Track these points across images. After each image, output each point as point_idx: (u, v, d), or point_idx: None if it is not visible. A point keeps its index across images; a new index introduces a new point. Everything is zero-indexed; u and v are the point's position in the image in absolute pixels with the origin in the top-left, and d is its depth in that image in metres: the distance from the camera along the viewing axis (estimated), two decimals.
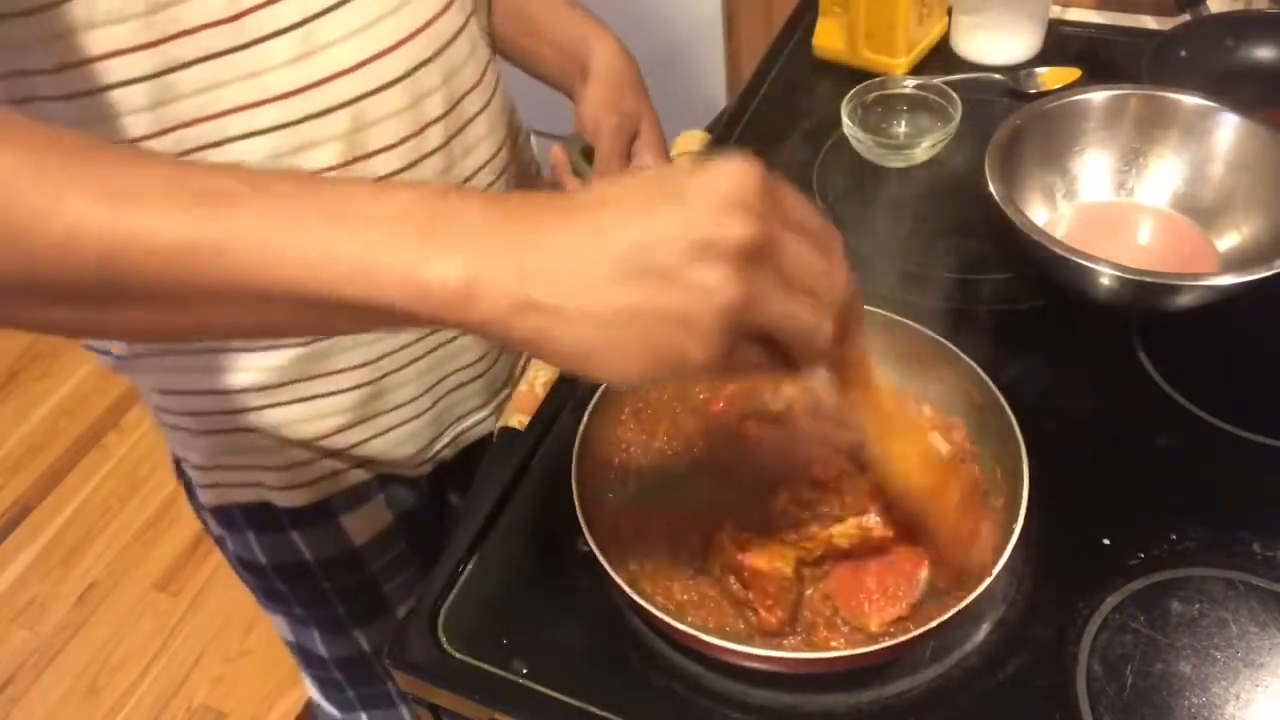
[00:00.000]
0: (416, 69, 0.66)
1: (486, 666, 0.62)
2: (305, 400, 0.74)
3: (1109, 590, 0.62)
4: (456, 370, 0.80)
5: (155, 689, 1.72)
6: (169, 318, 0.43)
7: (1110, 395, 0.74)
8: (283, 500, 0.79)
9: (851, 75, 1.00)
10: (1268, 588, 0.61)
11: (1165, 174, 0.84)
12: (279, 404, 0.73)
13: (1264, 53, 0.99)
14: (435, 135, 0.69)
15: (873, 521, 0.60)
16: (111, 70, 0.57)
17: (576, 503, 0.61)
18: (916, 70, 1.04)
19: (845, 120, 0.93)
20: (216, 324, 0.44)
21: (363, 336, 0.72)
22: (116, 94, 0.58)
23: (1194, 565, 0.63)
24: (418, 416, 0.79)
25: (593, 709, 0.59)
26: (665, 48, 1.85)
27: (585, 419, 0.66)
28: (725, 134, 1.00)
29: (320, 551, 0.83)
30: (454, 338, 0.78)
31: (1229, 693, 0.57)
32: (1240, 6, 1.05)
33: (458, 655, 0.62)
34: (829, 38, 1.05)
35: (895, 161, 0.94)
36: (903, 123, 0.98)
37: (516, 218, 0.41)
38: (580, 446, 0.64)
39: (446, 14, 0.68)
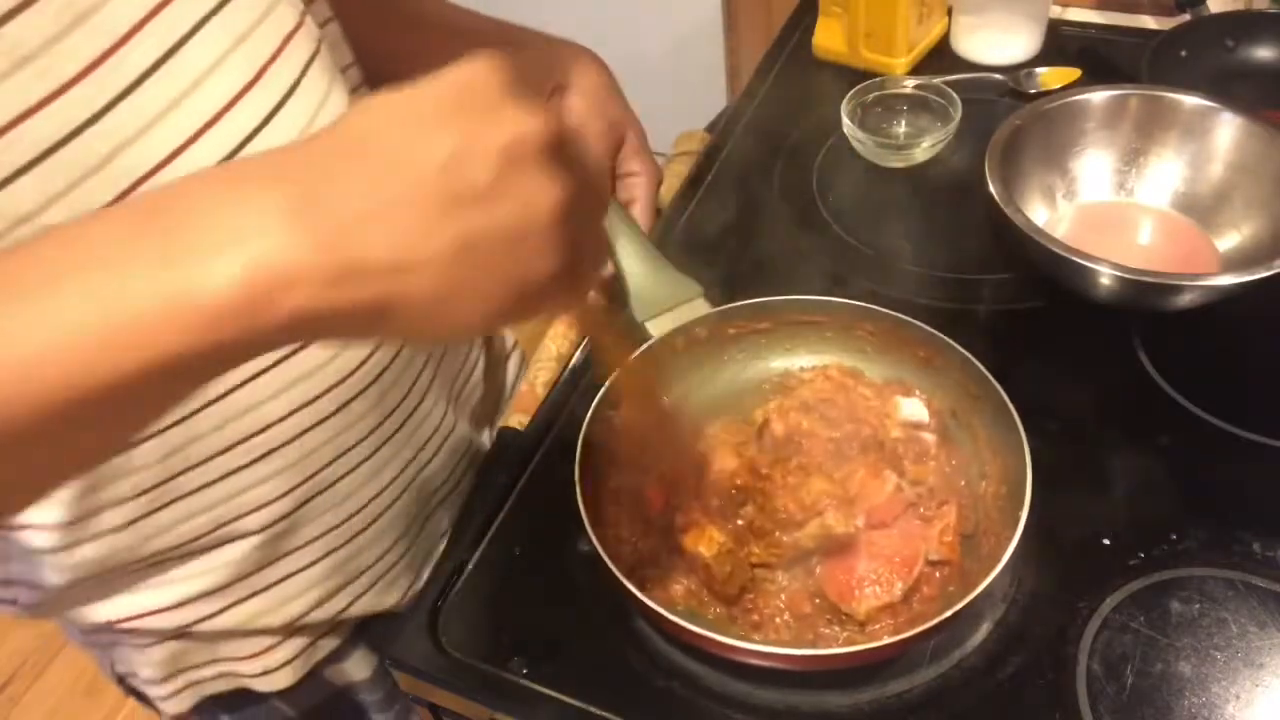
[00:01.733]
0: (256, 133, 0.54)
1: (486, 666, 0.62)
2: (269, 588, 0.67)
3: (1109, 590, 0.62)
4: (436, 490, 0.76)
5: None
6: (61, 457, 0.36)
7: (1110, 395, 0.74)
8: (263, 685, 0.73)
9: (851, 75, 1.00)
10: (1268, 588, 0.61)
11: (1165, 174, 0.84)
12: (238, 601, 0.66)
13: (1264, 53, 0.99)
14: None
15: (831, 519, 0.60)
16: None
17: (580, 502, 0.61)
18: (916, 70, 1.04)
19: (845, 120, 0.93)
20: (48, 458, 0.35)
21: (322, 505, 0.65)
22: None
23: (1194, 565, 0.63)
24: (400, 559, 0.74)
25: (593, 709, 0.59)
26: (665, 48, 1.86)
27: (588, 418, 0.66)
28: (725, 134, 1.00)
29: (306, 703, 0.77)
30: (430, 459, 0.73)
31: (1229, 693, 0.57)
32: (1240, 6, 1.05)
33: (458, 655, 0.62)
34: (829, 38, 1.05)
35: (895, 161, 0.94)
36: (903, 123, 0.98)
37: (304, 190, 0.33)
38: (584, 446, 0.64)
39: (285, 51, 0.56)
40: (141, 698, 0.76)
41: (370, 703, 0.80)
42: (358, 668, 0.78)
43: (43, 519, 0.56)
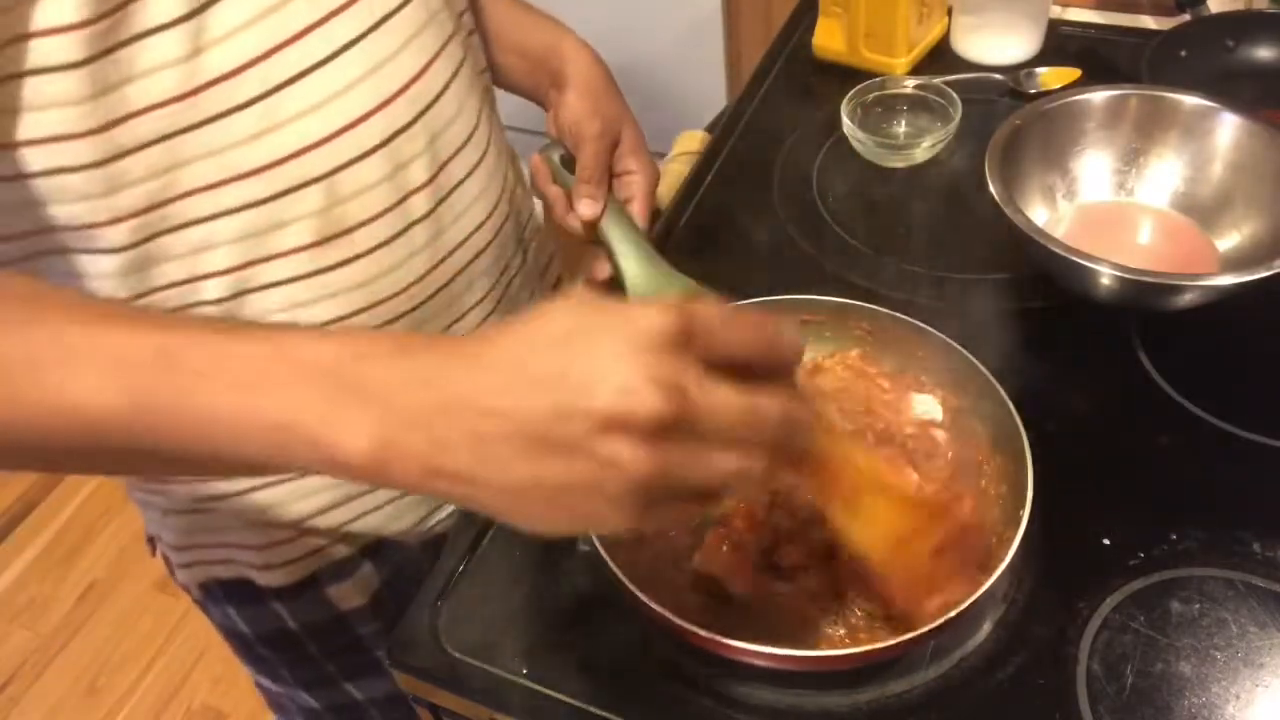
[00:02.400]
0: (395, 136, 0.62)
1: (486, 666, 0.62)
2: (287, 481, 0.69)
3: (1109, 590, 0.62)
4: None
5: (155, 689, 1.72)
6: (132, 468, 0.46)
7: (1110, 395, 0.74)
8: (264, 579, 0.75)
9: (851, 75, 1.00)
10: (1268, 588, 0.61)
11: (1165, 174, 0.84)
12: (257, 488, 0.69)
13: (1264, 53, 0.99)
14: (419, 204, 0.65)
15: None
16: (52, 156, 0.53)
17: None
18: (916, 70, 1.04)
19: (845, 120, 0.93)
20: (153, 471, 0.47)
21: None
22: (58, 181, 0.54)
23: (1194, 565, 0.63)
24: (405, 495, 0.75)
25: (592, 709, 0.59)
26: (665, 48, 1.86)
27: None
28: (725, 134, 1.00)
29: (305, 617, 0.79)
30: None
31: (1229, 693, 0.57)
32: (1240, 6, 1.05)
33: (458, 655, 0.62)
34: (829, 38, 1.05)
35: (895, 161, 0.94)
36: (903, 123, 0.98)
37: (425, 376, 0.40)
38: None
39: (428, 72, 0.63)
40: (166, 562, 0.81)
41: (366, 634, 0.81)
42: (359, 591, 0.79)
43: None
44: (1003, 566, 0.56)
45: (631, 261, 0.73)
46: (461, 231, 0.70)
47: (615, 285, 0.72)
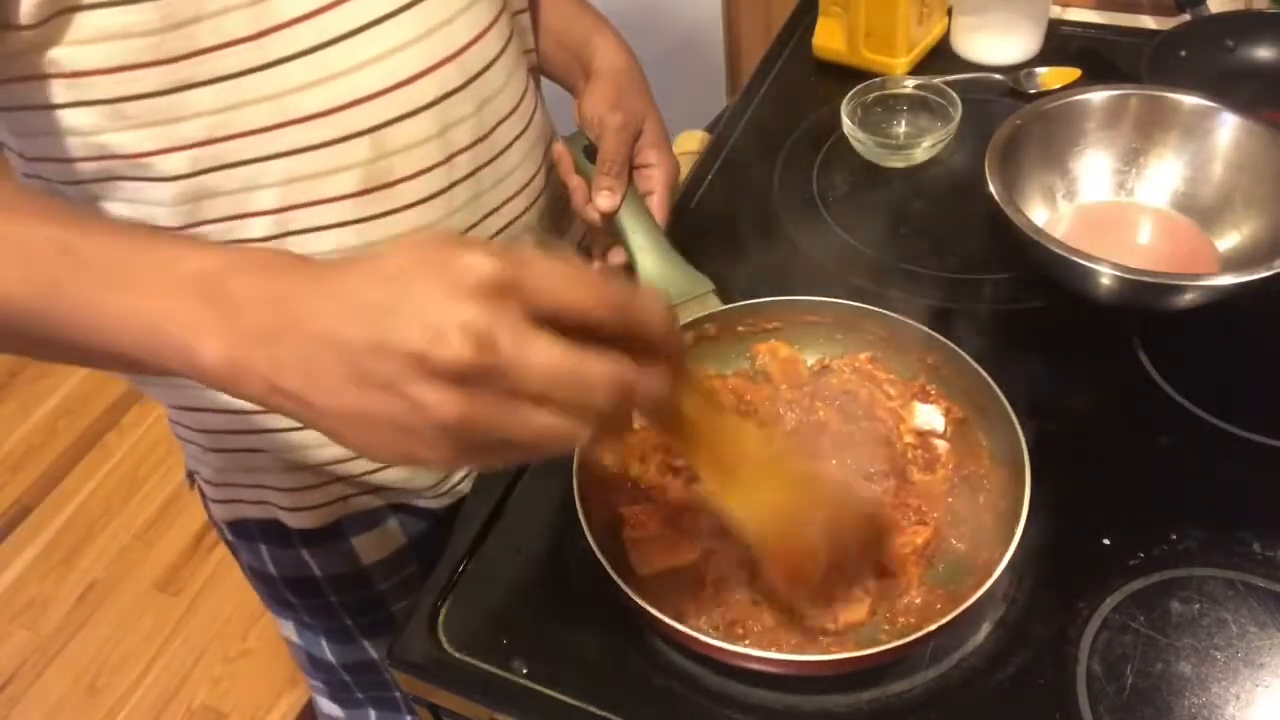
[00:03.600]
0: (445, 97, 0.65)
1: (486, 666, 0.62)
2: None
3: (1109, 590, 0.62)
4: None
5: (155, 689, 1.72)
6: (27, 352, 0.50)
7: (1110, 395, 0.74)
8: (292, 521, 0.78)
9: (851, 75, 1.00)
10: (1268, 588, 0.61)
11: (1165, 174, 0.84)
12: (291, 428, 0.72)
13: (1264, 53, 0.99)
14: (463, 164, 0.68)
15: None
16: (119, 84, 0.56)
17: (578, 502, 0.61)
18: (916, 70, 1.04)
19: (845, 120, 0.93)
20: (58, 358, 0.50)
21: None
22: (122, 107, 0.57)
23: (1194, 565, 0.63)
24: None
25: (593, 709, 0.59)
26: (665, 48, 1.85)
27: None
28: (725, 134, 1.00)
29: (329, 568, 0.82)
30: None
31: (1229, 693, 0.57)
32: (1240, 6, 1.05)
33: (458, 655, 0.62)
34: (829, 38, 1.05)
35: (895, 161, 0.94)
36: (903, 123, 0.98)
37: (277, 296, 0.41)
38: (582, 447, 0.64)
39: (481, 41, 0.66)
40: (202, 496, 0.85)
41: (386, 591, 0.85)
42: (381, 544, 0.82)
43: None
44: (1003, 566, 0.56)
45: (646, 255, 0.73)
46: (500, 195, 0.73)
47: (630, 276, 0.73)
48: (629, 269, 0.73)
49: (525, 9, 0.76)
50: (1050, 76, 1.01)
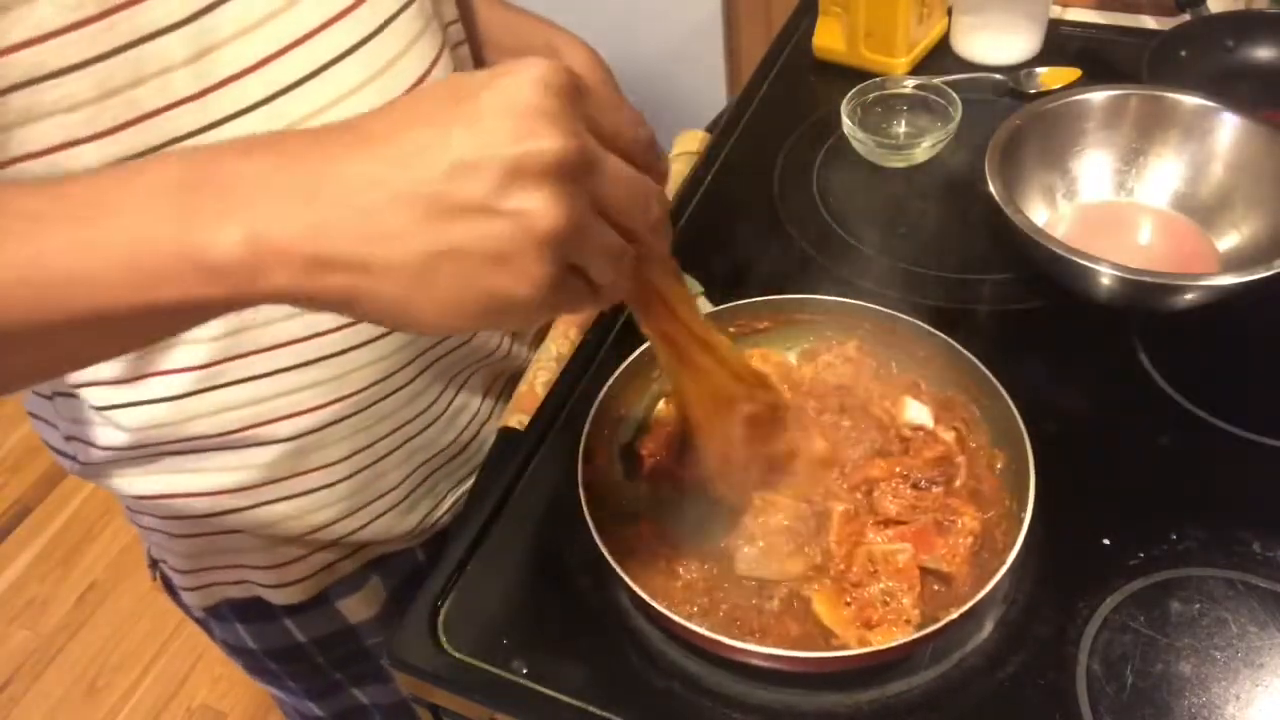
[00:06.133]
0: None
1: (486, 666, 0.61)
2: (294, 497, 0.69)
3: (1109, 590, 0.62)
4: (470, 420, 0.78)
5: (155, 689, 1.72)
6: (29, 356, 0.40)
7: (1110, 395, 0.74)
8: (276, 597, 0.76)
9: (851, 75, 1.00)
10: (1268, 588, 0.61)
11: (1165, 174, 0.84)
12: (264, 503, 0.68)
13: (1264, 53, 0.99)
14: None
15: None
16: (65, 161, 0.50)
17: (583, 502, 0.60)
18: (916, 70, 1.04)
19: (845, 120, 0.93)
20: (57, 355, 0.41)
21: (355, 425, 0.67)
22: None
23: (1194, 565, 0.63)
24: (413, 491, 0.76)
25: (593, 709, 0.59)
26: (665, 48, 1.85)
27: (590, 417, 0.66)
28: (725, 134, 1.00)
29: (314, 633, 0.80)
30: (447, 407, 0.74)
31: (1229, 693, 0.57)
32: (1240, 6, 1.05)
33: (458, 655, 0.62)
34: (829, 38, 1.05)
35: (895, 161, 0.94)
36: (903, 123, 0.98)
37: (299, 158, 0.36)
38: (586, 444, 0.64)
39: (430, 77, 0.62)
40: (169, 586, 0.81)
41: (374, 646, 0.83)
42: (367, 603, 0.80)
43: (100, 375, 0.60)
44: (1005, 567, 0.56)
45: None
46: None
47: None
48: None
49: (463, 40, 0.72)
50: (1050, 76, 1.01)
